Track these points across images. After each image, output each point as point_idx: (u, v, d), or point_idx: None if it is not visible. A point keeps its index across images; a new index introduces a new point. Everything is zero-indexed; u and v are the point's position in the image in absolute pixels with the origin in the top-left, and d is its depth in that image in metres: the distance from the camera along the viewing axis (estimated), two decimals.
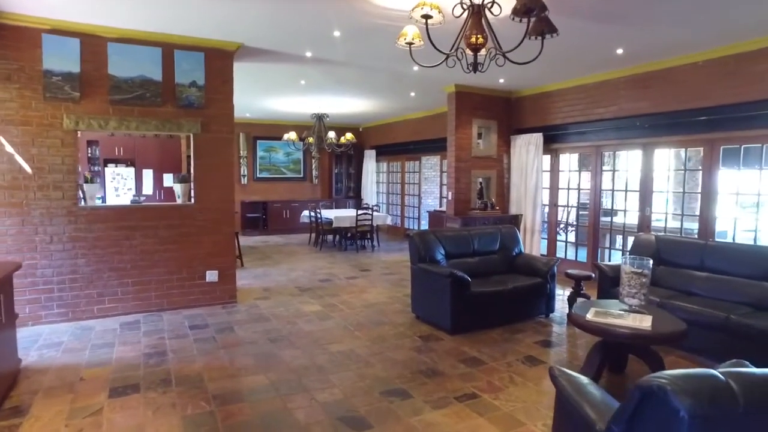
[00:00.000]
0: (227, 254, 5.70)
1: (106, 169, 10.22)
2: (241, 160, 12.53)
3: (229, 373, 3.74)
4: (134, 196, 9.04)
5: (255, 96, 9.08)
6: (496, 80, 7.49)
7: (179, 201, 5.62)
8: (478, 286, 4.77)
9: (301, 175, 13.46)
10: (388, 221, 10.54)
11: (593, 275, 5.14)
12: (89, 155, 10.44)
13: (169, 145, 10.37)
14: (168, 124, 5.24)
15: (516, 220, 8.36)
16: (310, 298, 6.08)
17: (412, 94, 8.73)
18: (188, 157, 7.53)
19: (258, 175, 12.84)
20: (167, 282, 5.41)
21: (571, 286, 5.32)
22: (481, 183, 8.57)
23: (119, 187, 10.44)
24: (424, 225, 11.51)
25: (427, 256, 5.03)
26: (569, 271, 5.28)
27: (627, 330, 3.10)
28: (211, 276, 5.61)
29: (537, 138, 7.91)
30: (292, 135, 9.70)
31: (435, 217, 9.49)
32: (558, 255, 8.03)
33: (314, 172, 13.57)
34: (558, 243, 8.10)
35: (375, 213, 10.04)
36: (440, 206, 10.97)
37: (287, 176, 13.27)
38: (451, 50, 3.46)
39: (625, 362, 3.73)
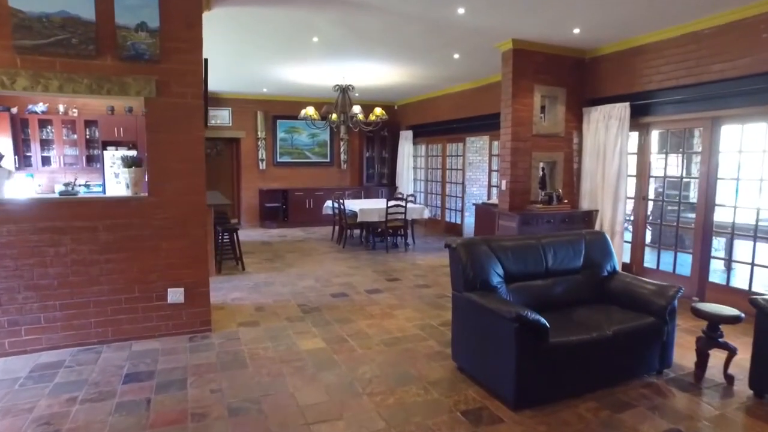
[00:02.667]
0: (197, 265, 4.15)
1: (105, 152, 8.95)
2: (259, 143, 11.04)
3: None
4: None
5: (265, 63, 7.49)
6: (569, 30, 5.57)
7: (128, 192, 4.11)
8: (560, 331, 3.00)
9: (328, 160, 11.86)
10: (425, 215, 8.80)
11: (742, 315, 3.25)
12: (87, 137, 9.19)
13: None
14: (107, 84, 3.69)
15: (589, 217, 6.46)
16: (314, 325, 4.47)
17: (456, 55, 6.90)
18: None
19: (278, 160, 11.33)
20: (112, 304, 3.92)
21: (701, 329, 3.43)
22: (543, 169, 6.69)
23: (120, 173, 9.17)
24: (469, 218, 9.70)
25: (477, 280, 3.29)
26: (699, 305, 3.39)
27: None
28: (175, 296, 4.08)
29: (621, 109, 5.95)
30: (310, 110, 8.06)
31: (483, 212, 7.65)
32: (646, 264, 6.10)
33: (342, 156, 11.93)
34: (646, 248, 6.15)
35: (410, 204, 8.32)
36: (488, 197, 9.13)
37: (312, 161, 11.70)
38: None
39: None
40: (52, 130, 8.89)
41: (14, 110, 8.48)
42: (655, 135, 5.99)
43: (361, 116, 7.95)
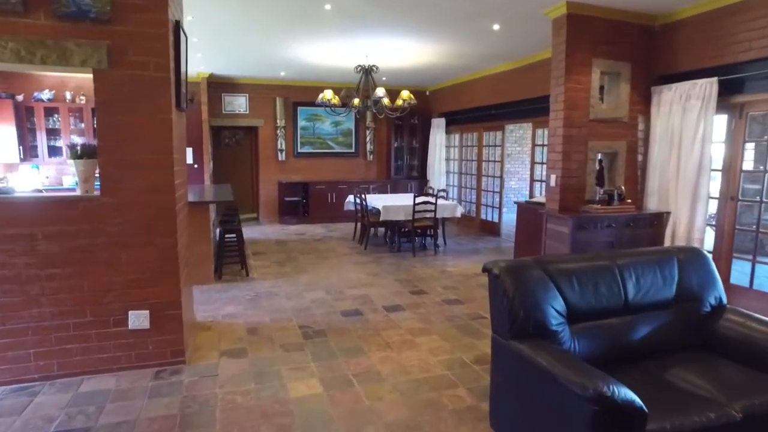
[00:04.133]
0: (166, 281, 3.29)
1: None
2: (278, 132, 10.21)
3: None
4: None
5: (274, 40, 6.58)
6: None
7: (78, 191, 3.29)
8: (655, 406, 1.96)
9: (353, 150, 10.93)
10: (458, 213, 7.76)
11: None
12: (95, 126, 8.54)
13: (190, 111, 8.20)
14: (41, 51, 2.86)
15: (659, 221, 5.30)
16: (314, 357, 3.56)
17: (496, 26, 5.80)
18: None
19: (299, 150, 10.48)
20: (57, 330, 3.12)
21: None
22: (601, 161, 5.55)
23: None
24: (507, 215, 8.62)
25: (529, 323, 2.29)
26: None
27: None
28: (138, 320, 3.24)
29: (706, 87, 4.76)
30: (327, 94, 7.14)
31: (527, 212, 6.51)
32: (733, 281, 4.91)
33: (369, 147, 10.98)
34: (734, 261, 4.95)
35: (440, 201, 7.31)
36: (530, 193, 8.01)
37: (335, 151, 10.80)
38: None
39: None
40: (59, 119, 8.30)
41: (20, 98, 7.93)
42: (751, 118, 4.77)
43: (386, 100, 6.97)
